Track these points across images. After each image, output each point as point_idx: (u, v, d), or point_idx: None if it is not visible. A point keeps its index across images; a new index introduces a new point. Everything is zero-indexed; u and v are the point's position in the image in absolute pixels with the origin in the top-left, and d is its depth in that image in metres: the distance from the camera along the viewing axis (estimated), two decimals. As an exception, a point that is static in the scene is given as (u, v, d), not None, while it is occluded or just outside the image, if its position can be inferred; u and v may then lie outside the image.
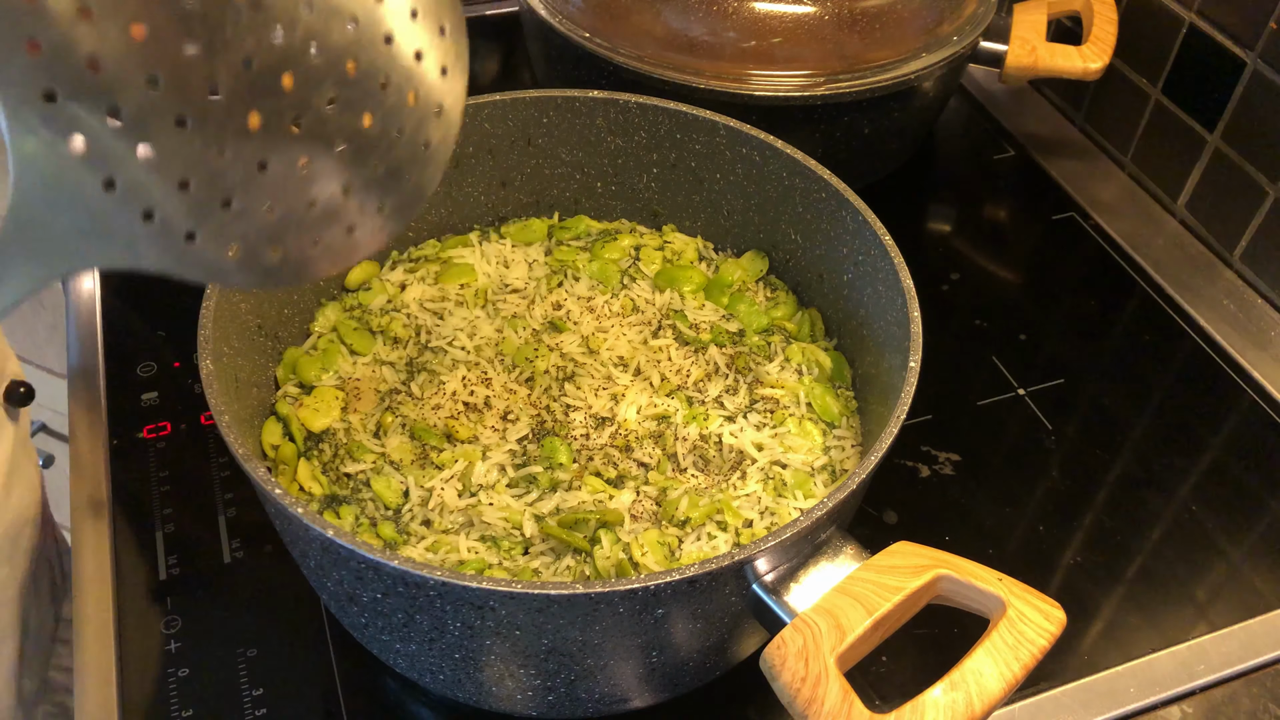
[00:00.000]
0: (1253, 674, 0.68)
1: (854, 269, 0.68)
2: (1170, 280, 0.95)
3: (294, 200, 0.43)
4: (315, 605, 0.68)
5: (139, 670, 0.65)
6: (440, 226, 0.79)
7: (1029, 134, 1.11)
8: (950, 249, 0.98)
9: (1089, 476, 0.79)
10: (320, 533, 0.47)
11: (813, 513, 0.49)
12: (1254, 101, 0.90)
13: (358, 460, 0.64)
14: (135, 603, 0.68)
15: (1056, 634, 0.47)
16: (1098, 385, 0.86)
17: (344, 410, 0.67)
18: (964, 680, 0.46)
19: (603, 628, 0.48)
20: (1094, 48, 0.97)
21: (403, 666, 0.59)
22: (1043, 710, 0.66)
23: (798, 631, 0.47)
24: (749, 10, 0.87)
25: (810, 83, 0.86)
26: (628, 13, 0.89)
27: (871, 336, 0.67)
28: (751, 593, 0.50)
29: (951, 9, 0.93)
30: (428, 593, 0.47)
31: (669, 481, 0.64)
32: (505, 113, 0.74)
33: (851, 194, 0.67)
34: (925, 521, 0.75)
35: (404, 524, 0.62)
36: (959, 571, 0.49)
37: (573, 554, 0.60)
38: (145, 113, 0.37)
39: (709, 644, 0.54)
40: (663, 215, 0.80)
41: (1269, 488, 0.79)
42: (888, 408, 0.57)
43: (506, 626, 0.48)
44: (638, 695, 0.58)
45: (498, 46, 1.19)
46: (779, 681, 0.47)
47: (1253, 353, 0.88)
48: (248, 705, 0.63)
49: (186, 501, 0.73)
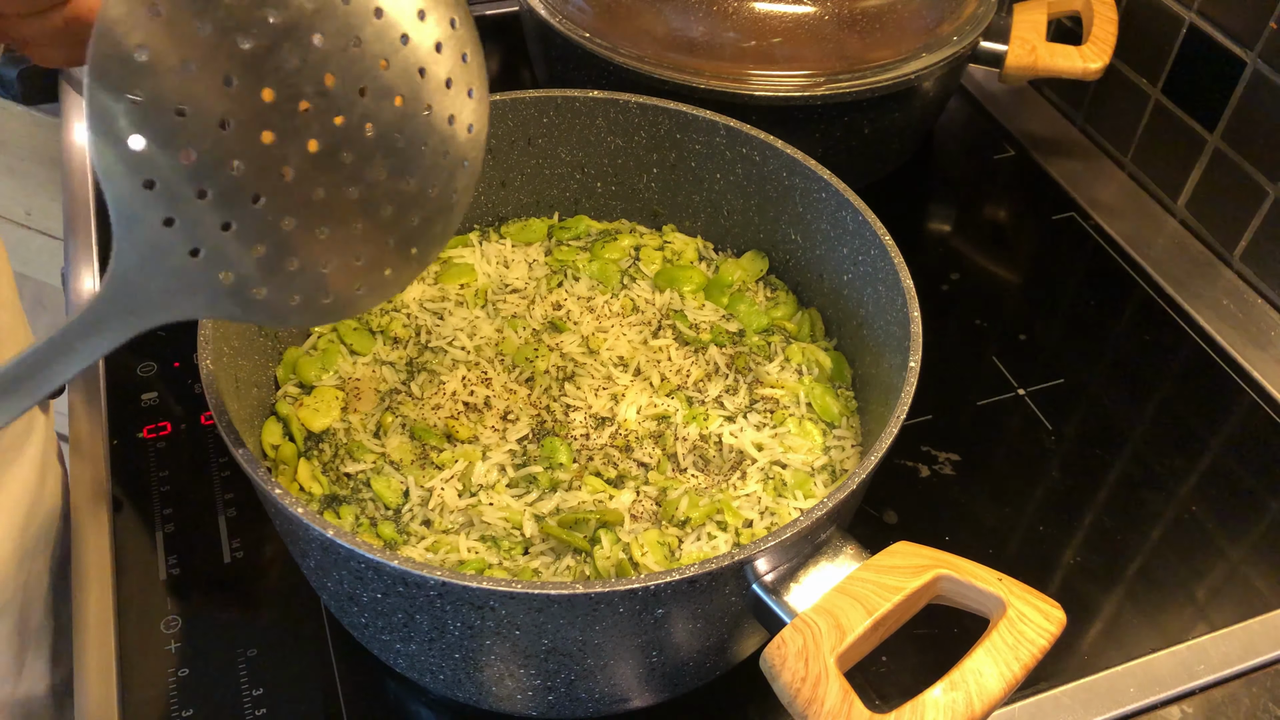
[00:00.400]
0: (1253, 674, 0.68)
1: (854, 269, 0.68)
2: (1170, 280, 0.95)
3: (346, 255, 0.49)
4: (315, 605, 0.68)
5: (139, 670, 0.65)
6: (440, 226, 0.78)
7: (1029, 134, 1.11)
8: (950, 249, 0.98)
9: (1089, 476, 0.79)
10: (320, 533, 0.47)
11: (813, 513, 0.49)
12: (1254, 101, 0.90)
13: (358, 460, 0.64)
14: (135, 603, 0.68)
15: (1056, 634, 0.47)
16: (1098, 385, 0.86)
17: (344, 410, 0.67)
18: (964, 680, 0.46)
19: (603, 628, 0.48)
20: (1094, 48, 0.97)
21: (403, 666, 0.59)
22: (1043, 710, 0.65)
23: (798, 631, 0.47)
24: (749, 10, 0.87)
25: (810, 83, 0.86)
26: (628, 13, 0.89)
27: (871, 336, 0.67)
28: (751, 593, 0.50)
29: (951, 9, 0.93)
30: (428, 593, 0.47)
31: (669, 481, 0.64)
32: (505, 113, 0.74)
33: (851, 194, 0.67)
34: (925, 521, 0.75)
35: (404, 524, 0.62)
36: (959, 571, 0.49)
37: (573, 554, 0.60)
38: (228, 193, 0.44)
39: (709, 644, 0.54)
40: (663, 215, 0.80)
41: (1269, 488, 0.79)
42: (888, 408, 0.57)
43: (506, 626, 0.48)
44: (637, 695, 0.58)
45: (498, 46, 1.19)
46: (779, 681, 0.47)
47: (1253, 353, 0.88)
48: (248, 705, 0.63)
49: (186, 501, 0.73)
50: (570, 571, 0.60)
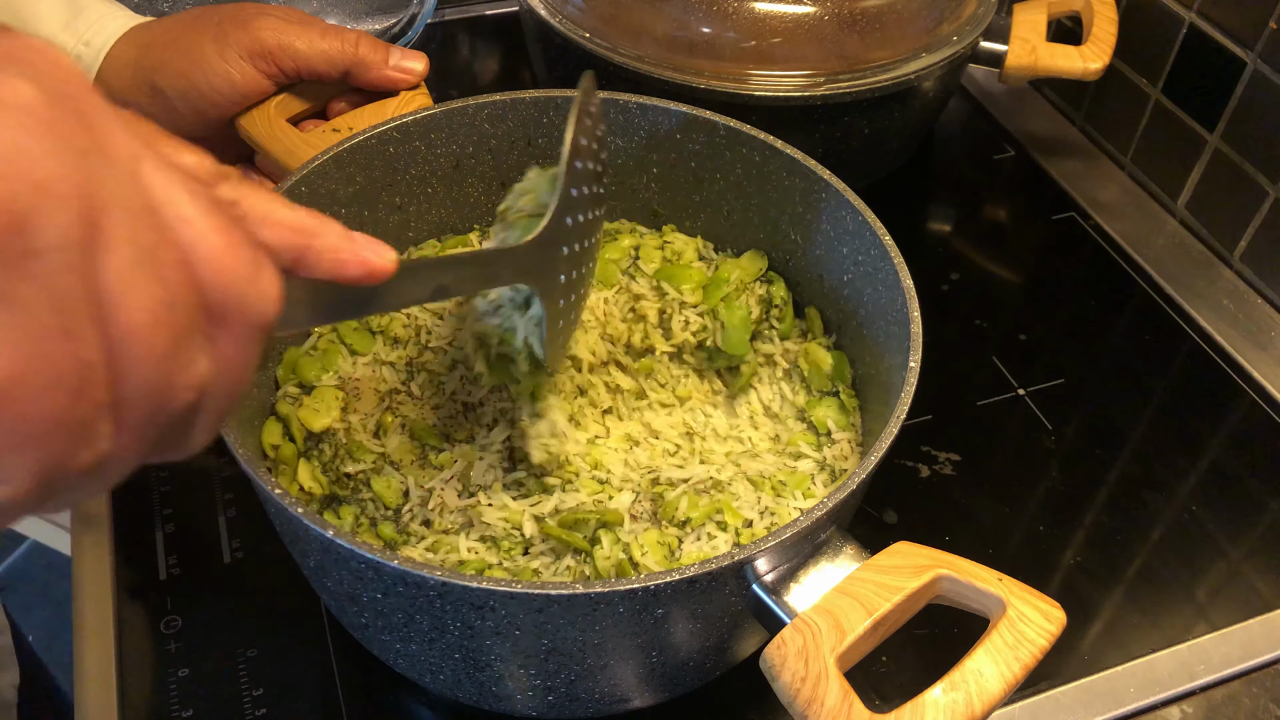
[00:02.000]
0: (1253, 674, 0.68)
1: (854, 269, 0.68)
2: (1170, 280, 0.95)
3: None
4: (315, 605, 0.68)
5: (139, 670, 0.65)
6: (440, 227, 0.78)
7: (1029, 134, 1.11)
8: (950, 249, 0.98)
9: (1089, 476, 0.79)
10: (320, 533, 0.47)
11: (813, 513, 0.49)
12: (1254, 101, 0.91)
13: (358, 460, 0.64)
14: (135, 603, 0.68)
15: (1057, 634, 0.47)
16: (1098, 385, 0.86)
17: (344, 410, 0.67)
18: (964, 680, 0.46)
19: (603, 628, 0.48)
20: (1094, 48, 0.97)
21: (403, 667, 0.59)
22: (1043, 710, 0.66)
23: (798, 631, 0.47)
24: (749, 10, 0.87)
25: (810, 83, 0.86)
26: (628, 13, 0.89)
27: (871, 336, 0.67)
28: (751, 593, 0.50)
29: (951, 9, 0.93)
30: (428, 593, 0.47)
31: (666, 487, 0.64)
32: (505, 113, 0.74)
33: (851, 194, 0.67)
34: (925, 521, 0.75)
35: (404, 524, 0.62)
36: (959, 571, 0.49)
37: (573, 554, 0.60)
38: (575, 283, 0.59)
39: (709, 644, 0.54)
40: (662, 215, 0.80)
41: (1269, 488, 0.79)
42: (888, 407, 0.57)
43: (507, 626, 0.48)
44: (637, 695, 0.58)
45: (498, 46, 1.19)
46: (779, 681, 0.47)
47: (1253, 353, 0.88)
48: (248, 705, 0.63)
49: (186, 501, 0.73)
50: (570, 572, 0.60)
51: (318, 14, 1.00)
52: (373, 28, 1.02)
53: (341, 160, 0.68)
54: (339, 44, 0.73)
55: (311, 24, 0.73)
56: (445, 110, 0.72)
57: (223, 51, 0.70)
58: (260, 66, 0.72)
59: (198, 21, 0.72)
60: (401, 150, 0.72)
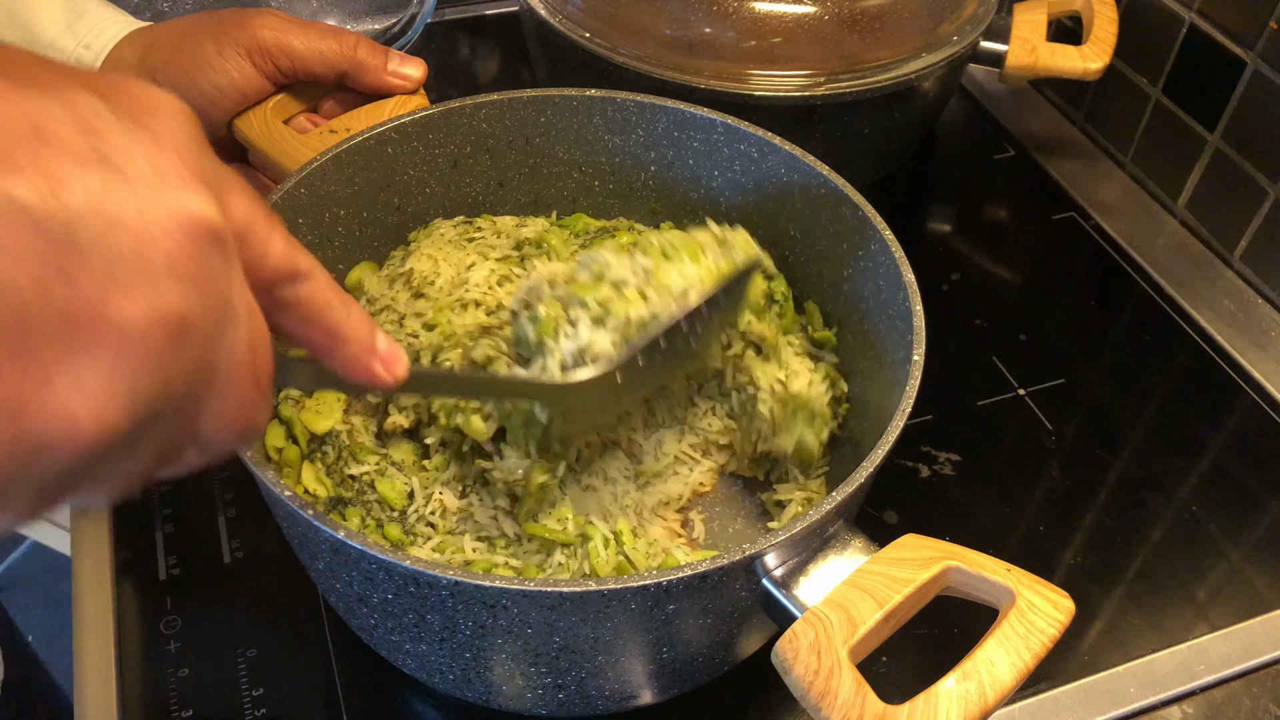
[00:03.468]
0: (1253, 674, 0.68)
1: (854, 264, 0.68)
2: (1170, 280, 0.95)
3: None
4: (315, 605, 0.68)
5: (139, 670, 0.64)
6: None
7: (1029, 134, 1.11)
8: (950, 249, 0.98)
9: (1089, 476, 0.79)
10: (331, 534, 0.47)
11: (821, 506, 0.49)
12: (1254, 101, 0.91)
13: (361, 462, 0.64)
14: (135, 603, 0.67)
15: (1066, 623, 0.47)
16: (1098, 385, 0.86)
17: (346, 412, 0.67)
18: (976, 670, 0.46)
19: (614, 624, 0.48)
20: (1094, 48, 0.97)
21: (411, 667, 0.58)
22: (1043, 710, 0.65)
23: (809, 625, 0.47)
24: (749, 10, 0.87)
25: (810, 83, 0.86)
26: (628, 13, 0.89)
27: (873, 331, 0.67)
28: (762, 587, 0.50)
29: (951, 9, 0.93)
30: (439, 593, 0.47)
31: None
32: (503, 112, 0.74)
33: (850, 189, 0.67)
34: (925, 521, 0.75)
35: (410, 525, 0.62)
36: (967, 563, 0.49)
37: (561, 549, 0.60)
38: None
39: (719, 639, 0.54)
40: (661, 213, 0.80)
41: (1269, 488, 0.79)
42: (891, 402, 0.56)
43: (518, 625, 0.48)
44: (647, 691, 0.57)
45: (498, 46, 1.19)
46: (792, 675, 0.46)
47: (1253, 353, 0.88)
48: (248, 705, 0.63)
49: (186, 501, 0.73)
50: (564, 567, 0.59)
51: (317, 13, 1.00)
52: (372, 28, 1.02)
53: (340, 161, 0.68)
54: (337, 45, 0.73)
55: (310, 25, 0.73)
56: (443, 110, 0.72)
57: (221, 50, 0.70)
58: (258, 64, 0.71)
59: (198, 23, 0.72)
60: (400, 151, 0.71)
